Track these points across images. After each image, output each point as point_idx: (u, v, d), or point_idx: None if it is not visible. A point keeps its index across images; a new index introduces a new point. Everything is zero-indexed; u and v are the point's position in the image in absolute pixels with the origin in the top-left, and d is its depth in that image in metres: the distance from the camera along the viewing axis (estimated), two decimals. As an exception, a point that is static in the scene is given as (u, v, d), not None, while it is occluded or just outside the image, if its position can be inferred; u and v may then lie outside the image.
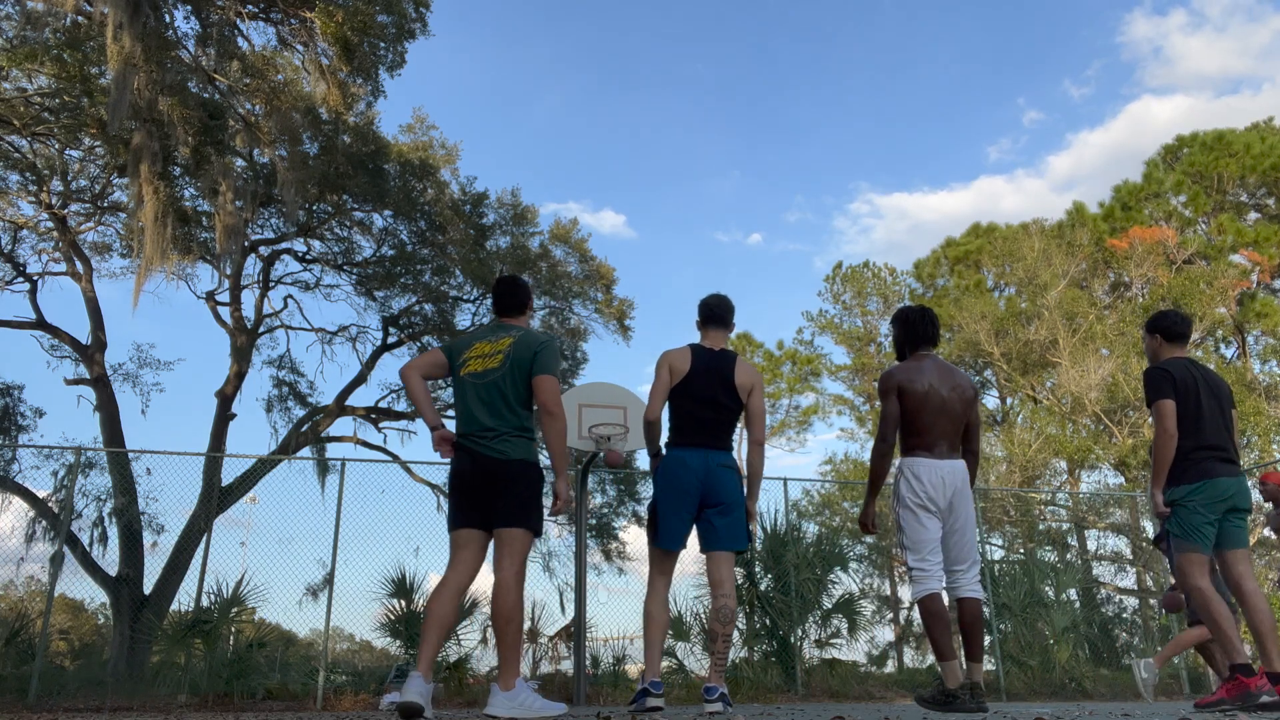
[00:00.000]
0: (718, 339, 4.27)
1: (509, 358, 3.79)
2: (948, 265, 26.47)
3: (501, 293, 4.04)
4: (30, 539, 13.02)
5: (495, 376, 3.77)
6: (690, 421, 4.05)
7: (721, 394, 4.07)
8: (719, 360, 4.14)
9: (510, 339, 3.84)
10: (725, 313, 4.32)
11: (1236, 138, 22.24)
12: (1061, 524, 18.64)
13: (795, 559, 10.78)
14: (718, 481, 3.96)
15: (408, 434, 18.13)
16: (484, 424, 3.72)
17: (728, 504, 3.96)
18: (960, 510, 4.05)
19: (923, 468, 4.04)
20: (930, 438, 4.07)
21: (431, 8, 13.81)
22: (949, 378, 4.15)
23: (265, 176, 14.57)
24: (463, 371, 3.86)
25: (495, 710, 3.46)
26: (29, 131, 13.18)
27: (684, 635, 10.45)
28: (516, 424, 3.75)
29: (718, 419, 4.05)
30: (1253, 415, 16.22)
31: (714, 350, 4.20)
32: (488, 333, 3.94)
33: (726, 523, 3.95)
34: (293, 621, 44.45)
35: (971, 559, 4.08)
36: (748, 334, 32.90)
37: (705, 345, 4.24)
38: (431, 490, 16.85)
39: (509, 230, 17.92)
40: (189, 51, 12.82)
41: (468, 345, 3.91)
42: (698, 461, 3.97)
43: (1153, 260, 20.71)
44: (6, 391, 15.12)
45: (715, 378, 4.09)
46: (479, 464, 3.66)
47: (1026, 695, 10.97)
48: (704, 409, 4.05)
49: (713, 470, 3.97)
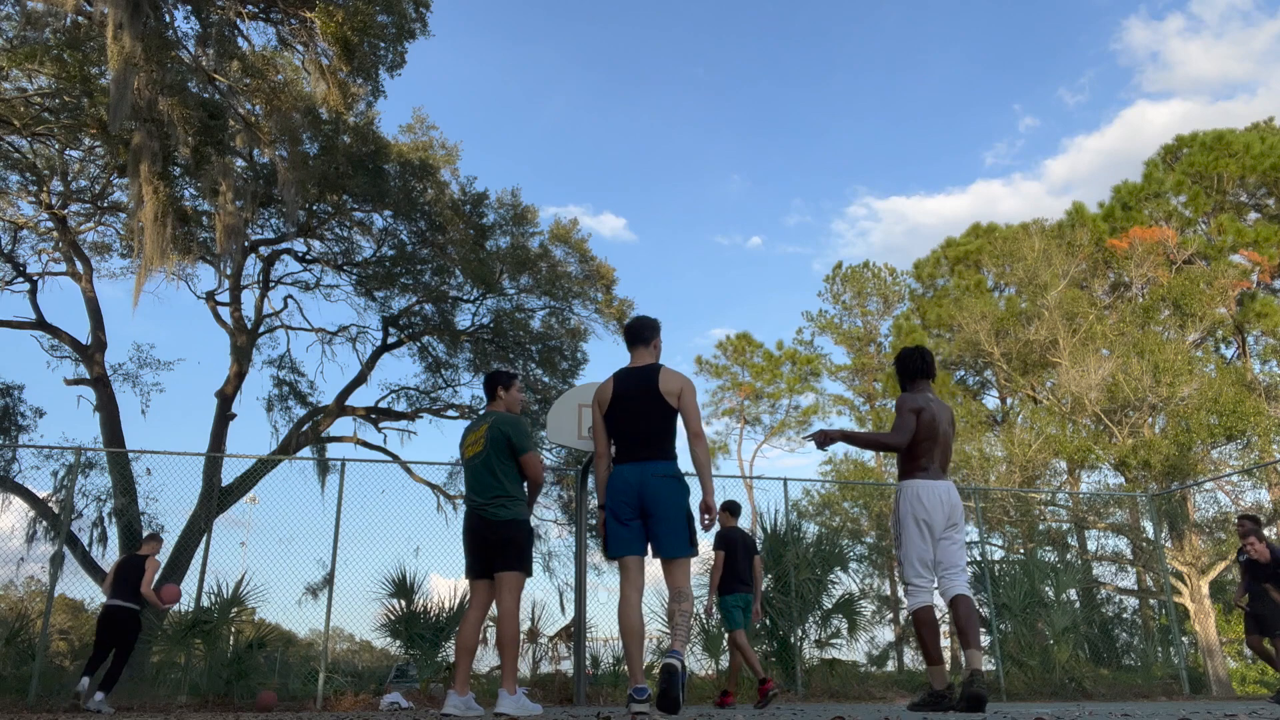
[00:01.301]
0: (642, 356, 4.49)
1: (488, 441, 4.84)
2: (948, 265, 26.45)
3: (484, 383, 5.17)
4: (30, 539, 13.03)
5: (481, 458, 4.82)
6: (622, 439, 4.30)
7: (647, 404, 4.27)
8: (642, 375, 4.36)
9: (486, 425, 4.88)
10: (643, 331, 4.52)
11: (1236, 138, 22.22)
12: (1061, 524, 18.63)
13: (795, 559, 10.78)
14: (653, 492, 4.16)
15: (408, 434, 18.16)
16: (481, 495, 4.78)
17: (662, 515, 4.14)
18: (956, 521, 4.57)
19: (924, 489, 4.54)
20: (928, 460, 4.58)
21: (431, 8, 13.81)
22: (944, 410, 4.70)
23: (265, 176, 14.56)
24: (464, 457, 4.96)
25: (504, 709, 4.51)
26: (29, 131, 13.18)
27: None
28: (503, 492, 4.77)
29: (649, 429, 4.26)
30: (1253, 415, 16.20)
31: (636, 368, 4.43)
32: (476, 423, 4.99)
33: (664, 531, 4.14)
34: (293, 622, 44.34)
35: (962, 564, 4.57)
36: (747, 334, 32.92)
37: (629, 366, 4.49)
38: (431, 490, 16.85)
39: (509, 230, 17.91)
40: (189, 51, 12.81)
41: (465, 436, 5.01)
42: (634, 475, 4.20)
43: (1153, 260, 20.70)
44: (6, 391, 15.11)
45: (640, 392, 4.30)
46: (481, 524, 4.73)
47: (1026, 695, 10.97)
48: (634, 423, 4.28)
49: (648, 481, 4.17)
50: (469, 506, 4.82)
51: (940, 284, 26.59)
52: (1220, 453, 17.54)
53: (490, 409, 5.06)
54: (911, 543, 4.52)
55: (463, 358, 18.16)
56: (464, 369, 18.25)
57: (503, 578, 4.65)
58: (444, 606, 10.07)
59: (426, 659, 9.73)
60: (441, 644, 9.84)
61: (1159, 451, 16.42)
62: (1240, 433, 16.44)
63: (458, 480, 17.21)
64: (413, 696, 9.10)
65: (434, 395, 18.35)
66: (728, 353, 33.09)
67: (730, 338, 33.29)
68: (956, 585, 4.51)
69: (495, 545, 4.68)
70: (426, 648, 9.75)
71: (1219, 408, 16.46)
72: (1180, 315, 19.47)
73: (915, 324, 25.61)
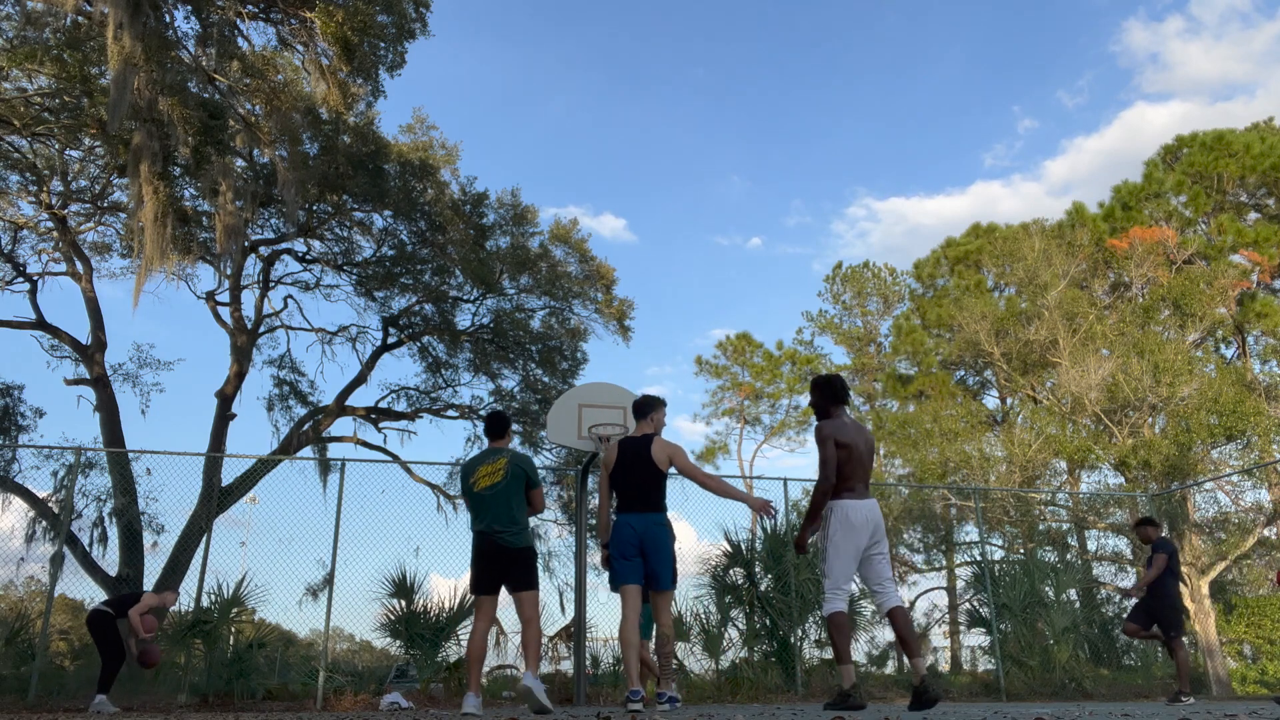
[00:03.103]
0: (642, 428, 5.60)
1: (508, 475, 5.42)
2: (948, 265, 26.43)
3: (490, 425, 5.70)
4: (30, 539, 13.01)
5: (500, 489, 5.38)
6: (624, 494, 5.36)
7: (641, 469, 5.34)
8: (639, 444, 5.43)
9: (505, 460, 5.48)
10: (644, 408, 5.64)
11: (1236, 138, 22.20)
12: (1061, 524, 18.62)
13: (795, 559, 10.77)
14: (652, 538, 5.23)
15: (408, 434, 18.16)
16: (499, 523, 5.32)
17: (657, 554, 5.23)
18: (880, 538, 4.93)
19: (852, 509, 4.86)
20: (854, 481, 4.91)
21: (431, 8, 13.80)
22: (862, 433, 5.04)
23: (265, 176, 14.55)
24: (476, 488, 5.43)
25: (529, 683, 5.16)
26: (29, 131, 13.17)
27: (683, 635, 10.45)
28: (517, 521, 5.38)
29: (644, 487, 5.31)
30: (1253, 415, 16.19)
31: (636, 437, 5.50)
32: (486, 457, 5.51)
33: (659, 567, 5.23)
34: (293, 621, 44.32)
35: (889, 575, 4.96)
36: (747, 334, 32.91)
37: (631, 435, 5.60)
38: (431, 490, 16.85)
39: (509, 230, 17.90)
40: (189, 51, 12.81)
41: (474, 469, 5.50)
42: (638, 523, 5.26)
43: (1153, 260, 20.68)
44: (6, 391, 15.11)
45: (636, 459, 5.38)
46: (498, 549, 5.32)
47: (1026, 695, 10.97)
48: (631, 481, 5.34)
49: (649, 528, 5.24)
50: (484, 532, 5.34)
51: (940, 284, 26.57)
52: (1220, 453, 17.53)
53: (496, 445, 5.64)
54: (839, 557, 4.83)
55: (463, 358, 18.16)
56: (464, 369, 18.25)
57: (524, 596, 5.35)
58: (444, 607, 10.07)
59: (426, 659, 9.73)
60: (441, 644, 9.84)
61: (1159, 451, 16.42)
62: (1240, 433, 16.43)
63: (457, 480, 17.22)
64: (413, 696, 9.10)
65: (434, 395, 18.35)
66: (727, 353, 33.09)
67: (730, 338, 33.30)
68: (890, 598, 4.88)
69: (513, 568, 5.35)
70: (426, 648, 9.75)
71: (1219, 408, 16.45)
72: (1180, 315, 19.46)
73: (915, 324, 25.60)
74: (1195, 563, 15.81)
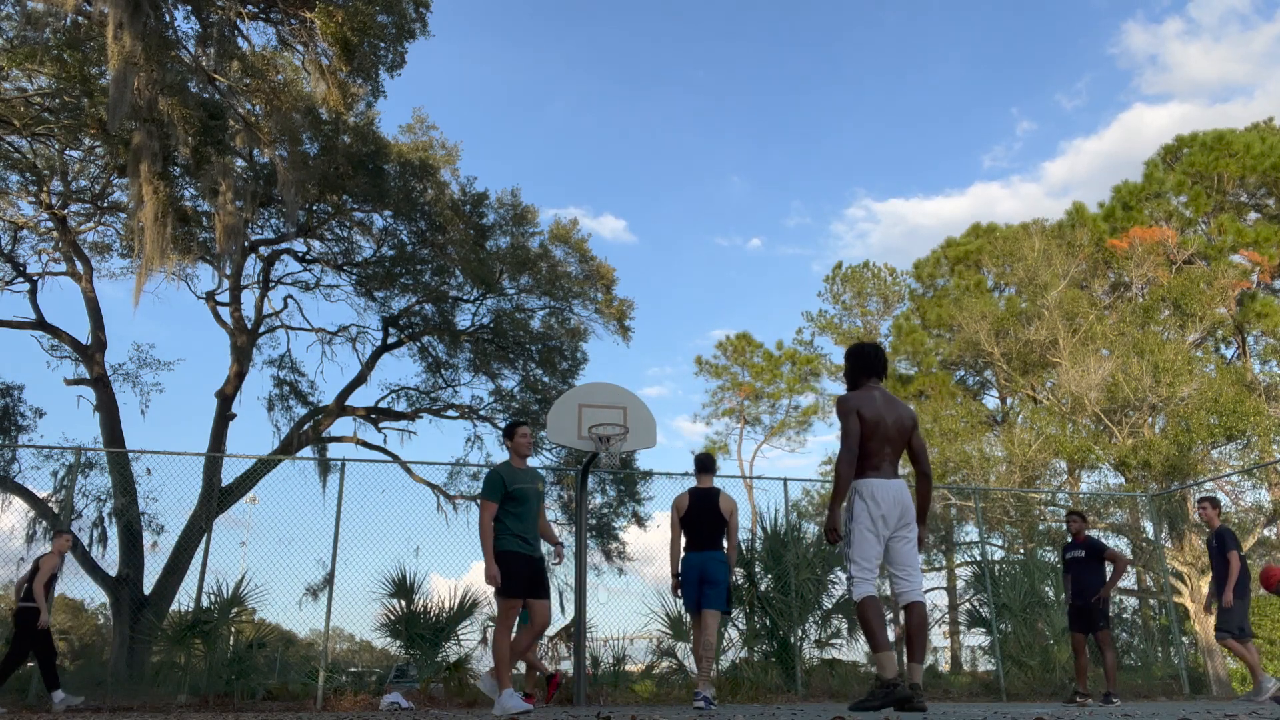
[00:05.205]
0: (706, 480, 6.96)
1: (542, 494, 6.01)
2: (948, 265, 26.43)
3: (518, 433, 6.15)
4: (30, 539, 13.02)
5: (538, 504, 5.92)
6: (694, 535, 6.79)
7: (709, 518, 6.78)
8: (707, 496, 6.85)
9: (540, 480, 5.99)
10: (711, 464, 7.04)
11: (1236, 138, 22.21)
12: (1062, 524, 18.62)
13: (795, 559, 10.77)
14: (711, 569, 6.65)
15: (408, 434, 18.15)
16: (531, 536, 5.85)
17: (714, 582, 6.63)
18: (909, 520, 4.50)
19: (877, 488, 4.46)
20: (878, 460, 4.50)
21: (431, 8, 13.80)
22: (894, 407, 4.59)
23: (265, 176, 14.55)
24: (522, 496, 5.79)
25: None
26: (29, 131, 13.18)
27: (684, 635, 10.44)
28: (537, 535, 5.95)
29: (711, 533, 6.77)
30: (1253, 415, 16.19)
31: (703, 489, 6.90)
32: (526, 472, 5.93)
33: (713, 592, 6.62)
34: (293, 621, 44.32)
35: (917, 565, 4.50)
36: (747, 334, 32.92)
37: (698, 486, 6.92)
38: (431, 490, 16.85)
39: (509, 230, 17.89)
40: (189, 51, 12.81)
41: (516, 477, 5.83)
42: (699, 559, 6.70)
43: (1153, 260, 20.69)
44: (6, 391, 15.11)
45: (706, 508, 6.79)
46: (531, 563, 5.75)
47: (1026, 695, 10.97)
48: (700, 527, 6.77)
49: (708, 562, 6.67)
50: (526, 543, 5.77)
51: (940, 284, 26.57)
52: (1220, 453, 17.53)
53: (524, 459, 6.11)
54: (863, 540, 4.43)
55: (463, 358, 18.15)
56: (464, 369, 18.25)
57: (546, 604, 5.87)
58: (444, 607, 10.06)
59: (426, 659, 9.73)
60: (441, 644, 9.84)
61: (1159, 451, 16.42)
62: (1240, 433, 16.43)
63: (457, 480, 17.24)
64: (413, 696, 9.10)
65: (434, 395, 18.34)
66: (728, 353, 33.09)
67: (730, 338, 33.30)
68: (913, 591, 4.44)
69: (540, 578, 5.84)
70: (426, 648, 9.74)
71: (1219, 408, 16.45)
72: (1180, 315, 19.46)
73: (915, 324, 25.59)
74: (1195, 563, 15.81)
